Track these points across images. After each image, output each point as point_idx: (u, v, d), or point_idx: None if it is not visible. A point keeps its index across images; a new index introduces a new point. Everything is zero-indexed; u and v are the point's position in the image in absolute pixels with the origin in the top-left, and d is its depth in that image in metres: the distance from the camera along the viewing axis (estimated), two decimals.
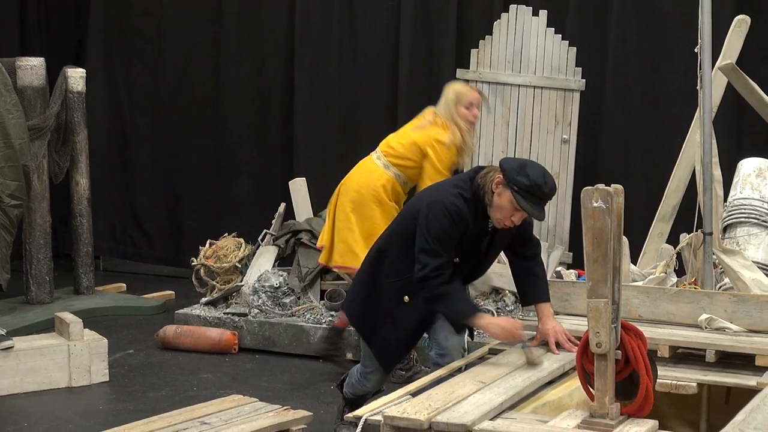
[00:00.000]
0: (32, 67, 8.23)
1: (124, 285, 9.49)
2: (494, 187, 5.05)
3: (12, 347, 6.64)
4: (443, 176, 6.63)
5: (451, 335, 5.48)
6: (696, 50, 6.15)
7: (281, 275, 7.90)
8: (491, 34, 8.36)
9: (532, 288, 5.43)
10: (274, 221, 8.55)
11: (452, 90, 7.04)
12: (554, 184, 5.08)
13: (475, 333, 7.12)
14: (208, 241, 8.60)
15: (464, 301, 5.34)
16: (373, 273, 5.44)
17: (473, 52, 8.39)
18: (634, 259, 7.04)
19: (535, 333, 5.30)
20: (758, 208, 6.75)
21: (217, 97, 10.01)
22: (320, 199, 8.78)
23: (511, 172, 5.00)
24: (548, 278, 7.53)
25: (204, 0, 10.05)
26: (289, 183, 8.67)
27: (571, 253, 8.16)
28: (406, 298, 5.31)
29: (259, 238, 8.43)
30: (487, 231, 5.25)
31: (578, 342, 4.74)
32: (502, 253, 7.65)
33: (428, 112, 7.12)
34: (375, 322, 5.46)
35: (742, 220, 6.75)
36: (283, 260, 8.28)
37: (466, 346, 5.72)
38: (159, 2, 10.26)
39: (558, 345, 5.16)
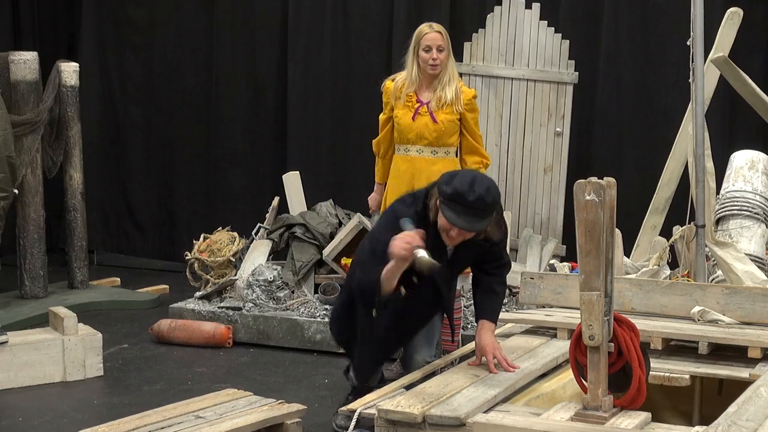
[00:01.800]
0: (25, 62, 8.22)
1: (119, 279, 9.48)
2: (437, 204, 4.99)
3: (6, 342, 6.64)
4: (379, 124, 6.70)
5: (416, 354, 5.62)
6: (688, 43, 6.17)
7: (275, 269, 7.91)
8: (484, 27, 8.37)
9: (483, 303, 5.35)
10: (267, 215, 8.56)
11: (415, 33, 6.62)
12: (486, 193, 4.87)
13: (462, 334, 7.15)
14: (201, 235, 8.61)
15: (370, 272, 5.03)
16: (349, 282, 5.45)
17: (466, 45, 8.40)
18: (627, 252, 7.06)
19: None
20: (750, 201, 6.77)
21: (209, 90, 10.00)
22: (314, 193, 8.79)
23: (440, 184, 4.94)
24: (542, 270, 7.60)
25: None
26: (283, 176, 8.67)
27: (565, 246, 8.17)
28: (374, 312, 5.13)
29: (253, 232, 8.44)
30: (445, 247, 5.12)
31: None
32: None
33: None
34: (351, 333, 5.44)
35: (735, 212, 6.76)
36: (277, 254, 8.28)
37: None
38: None
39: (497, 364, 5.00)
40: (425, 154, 6.53)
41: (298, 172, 8.72)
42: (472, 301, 7.45)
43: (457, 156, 6.64)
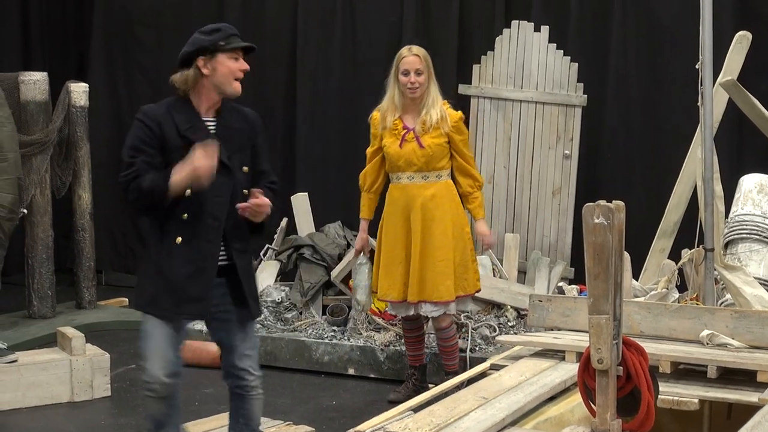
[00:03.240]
0: (35, 82, 8.25)
1: (126, 299, 9.48)
2: (202, 69, 4.94)
3: (15, 361, 6.65)
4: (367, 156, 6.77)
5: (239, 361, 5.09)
6: (697, 66, 6.16)
7: (283, 290, 7.91)
8: (493, 50, 8.38)
9: None
10: (276, 236, 8.56)
11: (396, 57, 6.62)
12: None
13: (476, 348, 7.14)
14: None
15: (156, 178, 4.72)
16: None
17: (475, 67, 8.41)
18: (636, 275, 7.05)
19: None
20: (759, 224, 6.76)
21: None
22: (322, 214, 8.79)
23: (197, 45, 5.00)
24: (550, 293, 7.59)
25: (205, 11, 10.06)
26: (291, 198, 8.68)
27: (573, 269, 8.16)
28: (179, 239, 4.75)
29: (261, 253, 8.44)
30: (206, 128, 4.89)
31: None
32: (504, 268, 7.68)
33: None
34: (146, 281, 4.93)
35: (744, 236, 6.75)
36: (285, 275, 8.29)
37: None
38: (159, 14, 10.29)
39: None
40: (416, 180, 6.55)
41: (306, 193, 8.73)
42: (479, 324, 7.46)
43: (450, 177, 6.65)
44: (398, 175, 6.60)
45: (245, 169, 4.98)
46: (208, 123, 4.96)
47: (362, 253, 7.13)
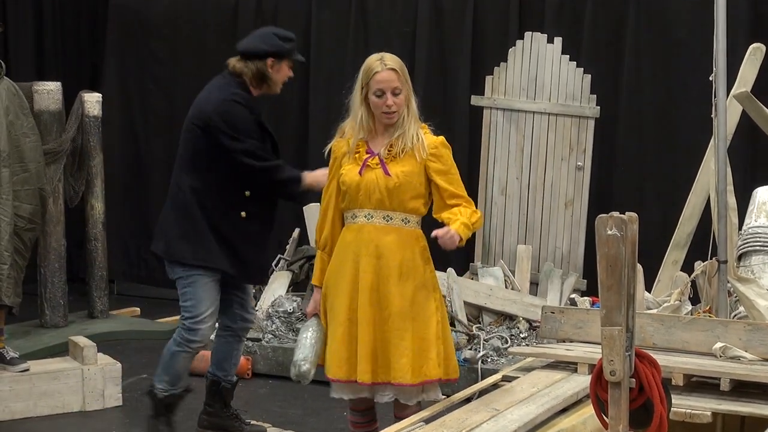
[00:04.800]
0: (49, 92, 8.27)
1: (138, 309, 9.50)
2: (270, 69, 5.74)
3: (27, 369, 6.66)
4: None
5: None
6: (711, 78, 6.15)
7: (295, 300, 7.90)
8: (506, 61, 8.38)
9: None
10: (288, 246, 8.56)
11: (362, 69, 5.21)
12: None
13: (488, 360, 7.12)
14: None
15: (291, 170, 5.86)
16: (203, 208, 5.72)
17: (488, 78, 8.41)
18: (649, 287, 7.03)
19: None
20: None
21: None
22: None
23: (275, 47, 5.75)
24: (562, 305, 7.57)
25: (218, 23, 10.09)
26: (304, 208, 8.68)
27: (585, 281, 8.14)
28: (243, 213, 5.74)
29: (273, 263, 8.44)
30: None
31: None
32: (516, 279, 7.67)
33: None
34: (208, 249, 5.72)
35: (757, 248, 6.73)
36: (296, 285, 8.29)
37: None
38: (173, 26, 10.32)
39: None
40: (375, 220, 5.00)
41: (318, 204, 8.72)
42: (490, 335, 7.45)
43: (420, 227, 5.08)
44: (354, 213, 5.04)
45: None
46: None
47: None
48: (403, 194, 4.95)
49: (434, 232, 4.85)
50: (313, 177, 5.74)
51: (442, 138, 5.08)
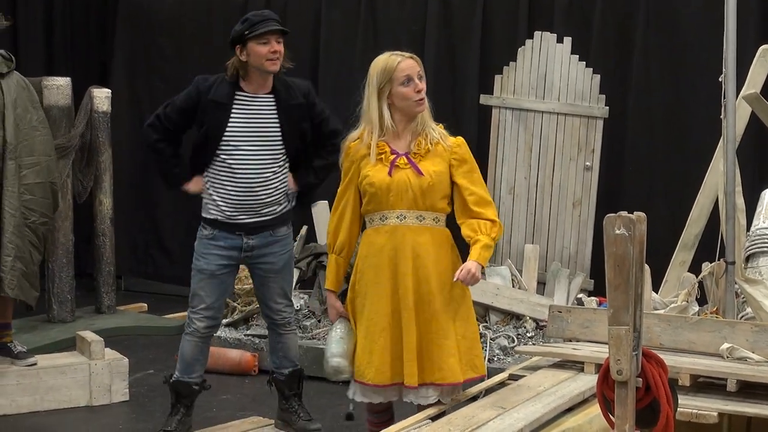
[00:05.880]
0: (58, 87, 8.29)
1: (145, 305, 9.52)
2: (240, 57, 5.63)
3: (35, 364, 6.67)
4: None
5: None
6: (720, 79, 6.15)
7: (302, 298, 7.91)
8: (515, 61, 8.38)
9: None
10: (295, 244, 8.56)
11: (376, 70, 5.16)
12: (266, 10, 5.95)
13: (494, 359, 7.11)
14: None
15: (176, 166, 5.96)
16: None
17: (497, 78, 8.41)
18: (656, 287, 7.02)
19: None
20: None
21: None
22: None
23: (232, 35, 5.66)
24: (569, 304, 7.57)
25: (227, 20, 10.08)
26: (312, 206, 8.68)
27: (593, 280, 8.14)
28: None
29: None
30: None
31: None
32: (523, 278, 7.66)
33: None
34: None
35: (765, 249, 6.71)
36: (304, 283, 8.29)
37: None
38: (181, 23, 10.33)
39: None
40: (409, 221, 4.97)
41: (326, 201, 8.74)
42: (497, 335, 7.45)
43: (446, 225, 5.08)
44: (384, 214, 5.00)
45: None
46: (266, 99, 5.71)
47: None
48: (436, 194, 4.96)
49: (455, 276, 4.88)
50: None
51: (461, 138, 5.11)
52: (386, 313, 4.95)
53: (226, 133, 5.64)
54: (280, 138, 5.71)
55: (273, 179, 5.74)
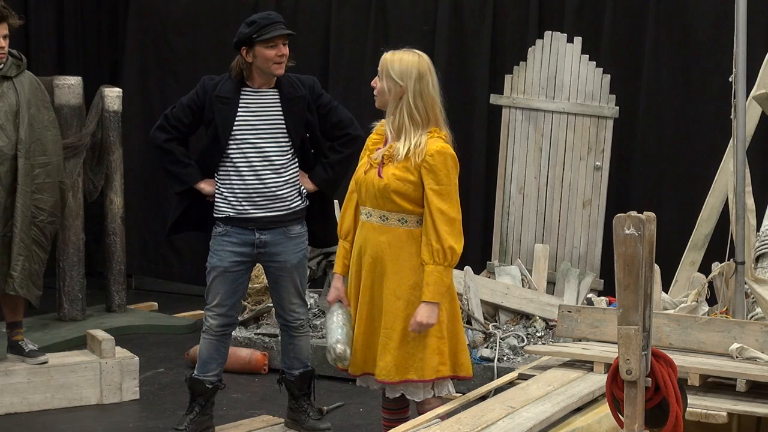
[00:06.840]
0: (69, 86, 8.32)
1: (156, 304, 9.54)
2: (246, 59, 5.72)
3: (46, 362, 6.70)
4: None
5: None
6: (730, 79, 6.15)
7: (312, 297, 7.92)
8: (525, 60, 8.38)
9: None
10: None
11: (429, 68, 5.26)
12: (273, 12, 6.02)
13: (504, 358, 7.12)
14: None
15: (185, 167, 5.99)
16: None
17: (507, 77, 8.41)
18: (666, 287, 7.03)
19: None
20: None
21: None
22: None
23: (238, 36, 5.73)
24: (579, 304, 7.57)
25: (238, 20, 10.06)
26: None
27: (603, 280, 8.14)
28: None
29: None
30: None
31: None
32: (533, 278, 7.66)
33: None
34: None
35: None
36: (314, 282, 8.30)
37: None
38: (193, 22, 10.33)
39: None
40: (373, 219, 5.03)
41: (336, 201, 8.75)
42: (507, 334, 7.46)
43: (421, 226, 4.97)
44: (361, 208, 5.13)
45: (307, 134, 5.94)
46: (270, 93, 5.83)
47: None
48: (396, 197, 4.92)
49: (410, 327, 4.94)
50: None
51: (442, 145, 4.92)
52: (355, 304, 5.15)
53: (234, 128, 5.73)
54: (284, 129, 5.82)
55: (281, 171, 5.82)
